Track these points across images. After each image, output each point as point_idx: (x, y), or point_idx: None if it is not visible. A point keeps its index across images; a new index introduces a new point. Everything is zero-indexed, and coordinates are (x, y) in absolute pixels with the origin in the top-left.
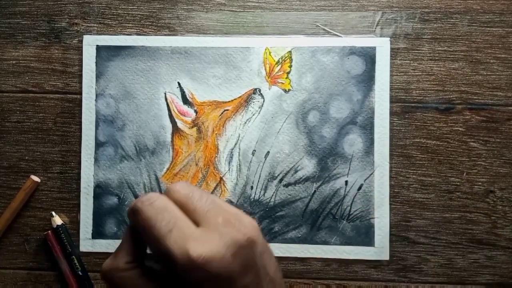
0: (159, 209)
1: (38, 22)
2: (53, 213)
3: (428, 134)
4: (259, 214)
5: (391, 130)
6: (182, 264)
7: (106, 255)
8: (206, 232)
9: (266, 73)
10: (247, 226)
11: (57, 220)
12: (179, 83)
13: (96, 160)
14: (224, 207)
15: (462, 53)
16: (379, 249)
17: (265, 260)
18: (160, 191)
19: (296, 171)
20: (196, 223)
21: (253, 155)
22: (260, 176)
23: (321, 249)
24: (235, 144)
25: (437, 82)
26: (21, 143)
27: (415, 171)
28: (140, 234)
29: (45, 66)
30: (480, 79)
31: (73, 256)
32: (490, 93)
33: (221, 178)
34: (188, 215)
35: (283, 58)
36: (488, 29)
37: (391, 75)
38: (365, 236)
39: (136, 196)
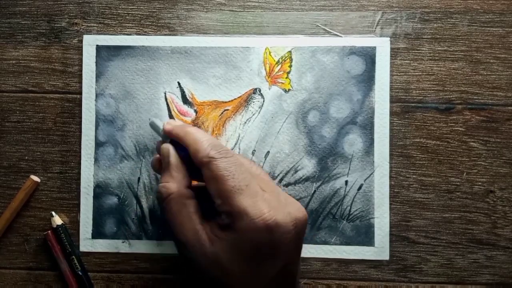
0: (237, 164)
1: (38, 22)
2: (53, 213)
3: (428, 134)
4: None
5: (391, 130)
6: (254, 221)
7: (106, 255)
8: (275, 198)
9: (266, 73)
10: (299, 203)
11: (57, 220)
12: (179, 83)
13: (96, 160)
14: (276, 184)
15: (462, 53)
16: (379, 249)
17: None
18: None
19: (296, 171)
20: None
21: (253, 155)
22: None
23: (321, 249)
24: (235, 144)
25: (437, 82)
26: (21, 143)
27: (415, 171)
28: (202, 181)
29: (45, 66)
30: (480, 79)
31: (73, 256)
32: (490, 93)
33: None
34: None
35: (283, 58)
36: (488, 29)
37: (391, 75)
38: (365, 236)
39: (136, 196)
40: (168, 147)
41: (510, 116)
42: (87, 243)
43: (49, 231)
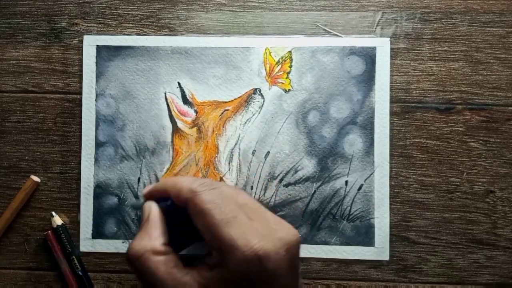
0: (222, 196)
1: (38, 22)
2: (53, 213)
3: (428, 134)
4: None
5: (391, 130)
6: (244, 255)
7: (106, 255)
8: (262, 227)
9: (266, 73)
10: (291, 226)
11: (57, 220)
12: (179, 83)
13: (96, 160)
14: (266, 209)
15: (462, 53)
16: (379, 249)
17: (299, 259)
18: None
19: (296, 171)
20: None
21: (253, 155)
22: (260, 176)
23: (321, 249)
24: (235, 144)
25: (437, 82)
26: (21, 143)
27: (415, 171)
28: (177, 217)
29: (45, 66)
30: (480, 79)
31: (73, 256)
32: (490, 93)
33: (221, 178)
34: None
35: (283, 58)
36: (488, 29)
37: (391, 75)
38: (365, 236)
39: (136, 196)
40: (150, 204)
41: (510, 116)
42: (87, 243)
43: (49, 231)
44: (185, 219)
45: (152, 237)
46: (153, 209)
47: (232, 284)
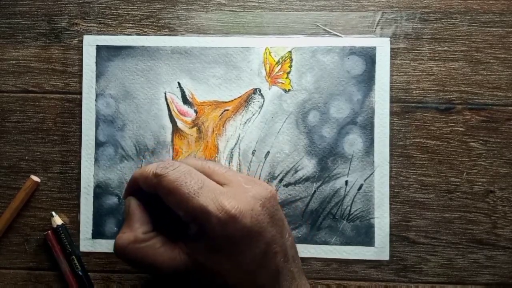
0: (185, 171)
1: (38, 22)
2: (53, 213)
3: (428, 134)
4: None
5: (391, 130)
6: (218, 217)
7: (106, 255)
8: (232, 188)
9: (266, 73)
10: (264, 182)
11: (57, 220)
12: (179, 83)
13: (96, 160)
14: (236, 171)
15: (462, 53)
16: (379, 249)
17: (282, 212)
18: None
19: (296, 171)
20: (218, 183)
21: (253, 155)
22: (260, 176)
23: (321, 249)
24: (235, 144)
25: (437, 82)
26: (21, 143)
27: (415, 171)
28: (151, 200)
29: (45, 66)
30: (480, 79)
31: (73, 256)
32: (490, 93)
33: None
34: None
35: (283, 58)
36: (488, 29)
37: (391, 75)
38: (365, 236)
39: None
40: (129, 199)
41: (510, 116)
42: (87, 243)
43: (49, 231)
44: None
45: (133, 229)
46: (131, 203)
47: (215, 248)
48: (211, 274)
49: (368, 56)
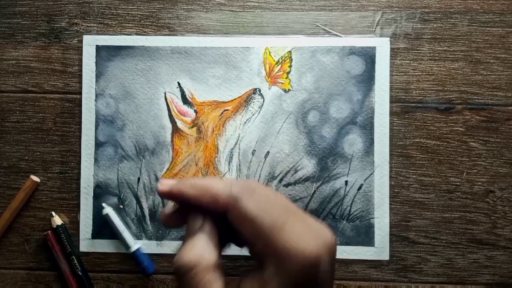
0: (266, 200)
1: (38, 22)
2: (53, 213)
3: (428, 134)
4: None
5: (391, 130)
6: (299, 262)
7: (106, 255)
8: (306, 227)
9: (266, 73)
10: (327, 227)
11: (57, 220)
12: (179, 83)
13: (96, 160)
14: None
15: (462, 53)
16: (379, 249)
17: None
18: None
19: (296, 171)
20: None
21: (253, 155)
22: (260, 176)
23: None
24: (235, 144)
25: (437, 82)
26: (21, 143)
27: (415, 171)
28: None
29: (45, 66)
30: (480, 79)
31: (73, 256)
32: (490, 93)
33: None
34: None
35: (283, 58)
36: (488, 29)
37: (391, 75)
38: (365, 236)
39: (136, 196)
40: (195, 215)
41: (510, 116)
42: (87, 243)
43: (49, 231)
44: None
45: (206, 250)
46: (206, 219)
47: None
48: None
49: (368, 56)
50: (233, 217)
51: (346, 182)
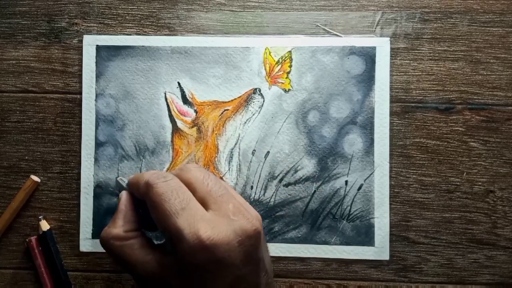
0: (174, 187)
1: (38, 22)
2: (41, 217)
3: (428, 134)
4: (259, 214)
5: (391, 130)
6: (189, 243)
7: (106, 255)
8: (216, 216)
9: (266, 73)
10: (254, 217)
11: (43, 226)
12: (179, 83)
13: (96, 160)
14: (234, 195)
15: (462, 53)
16: (379, 249)
17: (264, 252)
18: None
19: (296, 171)
20: (206, 205)
21: (253, 155)
22: (260, 176)
23: (321, 249)
24: (235, 144)
25: (437, 82)
26: (21, 143)
27: (415, 171)
28: (142, 207)
29: (45, 66)
30: (480, 79)
31: (57, 263)
32: (490, 93)
33: (221, 178)
34: (198, 196)
35: (283, 58)
36: (488, 29)
37: (391, 75)
38: (365, 236)
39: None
40: (121, 194)
41: (510, 116)
42: (87, 243)
43: (33, 238)
44: None
45: (117, 226)
46: (122, 199)
47: (183, 271)
48: None
49: (368, 56)
50: (147, 203)
51: (346, 182)
